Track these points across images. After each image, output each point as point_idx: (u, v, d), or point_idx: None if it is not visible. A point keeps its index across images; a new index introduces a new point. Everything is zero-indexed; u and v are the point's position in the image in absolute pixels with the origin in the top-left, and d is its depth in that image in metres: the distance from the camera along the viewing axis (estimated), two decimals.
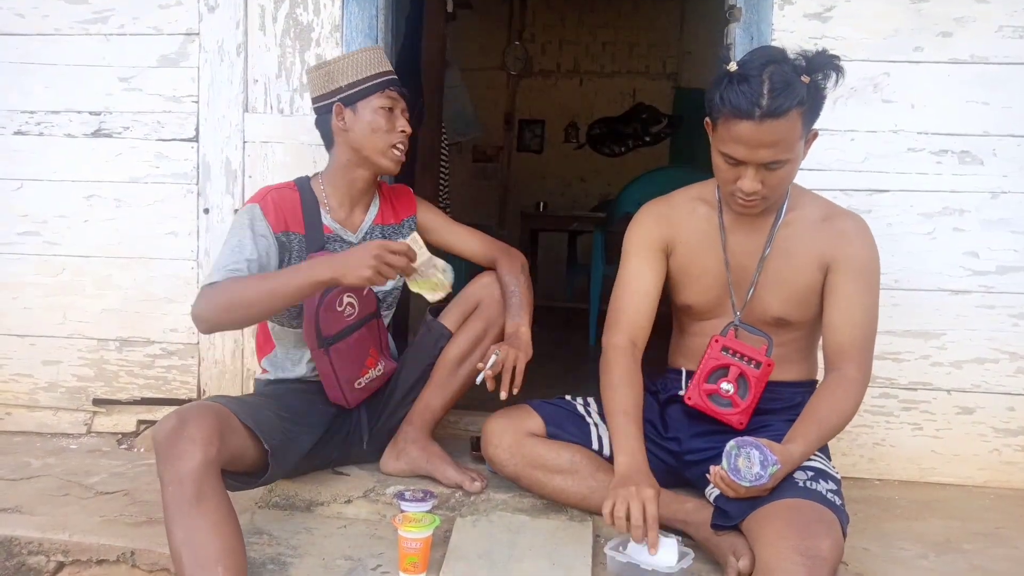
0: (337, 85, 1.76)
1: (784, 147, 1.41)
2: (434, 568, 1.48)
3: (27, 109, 2.27)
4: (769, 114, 1.36)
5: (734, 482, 1.38)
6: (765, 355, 1.57)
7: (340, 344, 1.74)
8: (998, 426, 2.05)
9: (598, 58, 6.17)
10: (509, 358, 1.66)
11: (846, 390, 1.54)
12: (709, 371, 1.61)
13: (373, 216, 1.87)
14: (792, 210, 1.61)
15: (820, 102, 1.45)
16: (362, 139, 1.76)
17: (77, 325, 2.31)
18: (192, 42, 2.21)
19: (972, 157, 2.01)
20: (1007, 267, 2.02)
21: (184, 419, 1.43)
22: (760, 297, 1.61)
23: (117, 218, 2.27)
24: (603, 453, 1.70)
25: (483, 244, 1.93)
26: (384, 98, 1.76)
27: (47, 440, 2.27)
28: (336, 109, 1.77)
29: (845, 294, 1.56)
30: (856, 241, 1.57)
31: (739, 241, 1.63)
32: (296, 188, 1.80)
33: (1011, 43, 1.98)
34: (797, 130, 1.41)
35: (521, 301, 1.80)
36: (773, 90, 1.36)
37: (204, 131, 2.22)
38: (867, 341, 1.58)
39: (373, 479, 1.83)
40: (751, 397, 1.57)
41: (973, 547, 1.71)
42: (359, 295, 1.77)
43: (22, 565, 1.61)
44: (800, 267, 1.59)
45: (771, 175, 1.45)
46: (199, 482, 1.37)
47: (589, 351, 4.01)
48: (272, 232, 1.70)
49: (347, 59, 1.78)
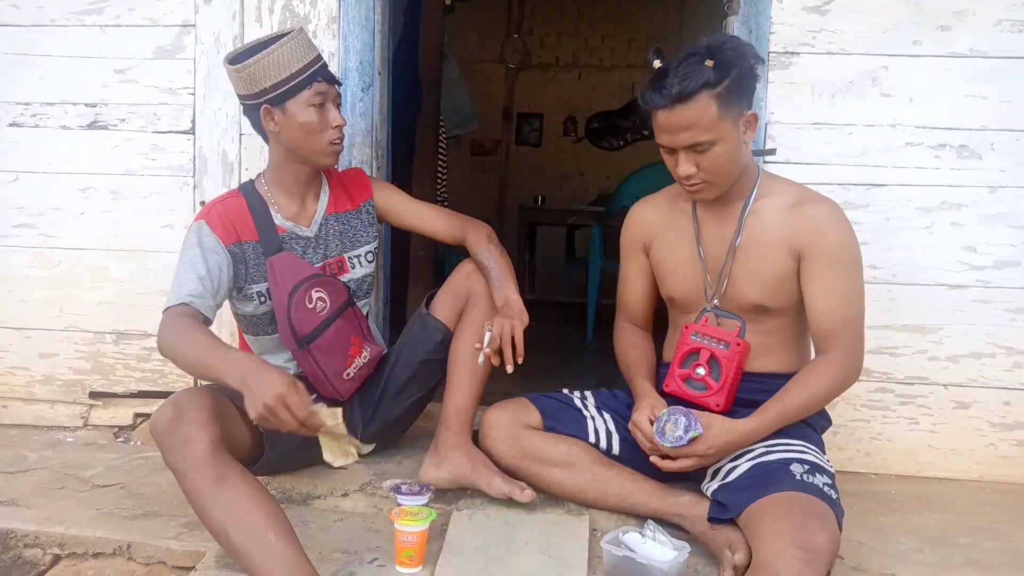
0: (261, 87, 1.67)
1: (701, 129, 1.47)
2: (430, 561, 1.48)
3: (22, 101, 2.26)
4: (677, 100, 1.46)
5: (656, 440, 1.52)
6: (737, 336, 1.60)
7: (319, 341, 1.73)
8: (994, 421, 2.06)
9: (597, 51, 6.15)
10: (505, 330, 1.62)
11: (822, 370, 1.56)
12: (683, 357, 1.65)
13: (324, 205, 1.83)
14: (761, 197, 1.62)
15: (740, 84, 1.50)
16: (296, 141, 1.71)
17: (73, 318, 2.30)
18: (188, 34, 2.20)
19: (970, 151, 2.01)
20: (1005, 262, 2.02)
21: (180, 405, 1.43)
22: (735, 285, 1.63)
23: (113, 211, 2.26)
24: (599, 446, 1.70)
25: (446, 221, 1.89)
26: (313, 93, 1.68)
27: (44, 433, 2.26)
28: (264, 112, 1.70)
29: (822, 282, 1.57)
30: (827, 227, 1.57)
31: (711, 232, 1.66)
32: (241, 195, 1.77)
33: (1010, 37, 1.98)
34: (712, 111, 1.47)
35: (500, 272, 1.75)
36: (679, 78, 1.46)
37: (200, 123, 2.21)
38: (851, 324, 1.58)
39: (370, 472, 1.83)
40: (724, 378, 1.59)
41: (969, 541, 1.71)
42: (328, 288, 1.75)
43: (18, 558, 1.61)
44: (770, 254, 1.60)
45: (703, 158, 1.51)
46: (216, 462, 1.37)
47: (587, 345, 4.01)
48: (222, 246, 1.68)
49: (268, 58, 1.65)
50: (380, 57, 2.19)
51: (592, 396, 1.81)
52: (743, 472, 1.50)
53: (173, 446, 1.40)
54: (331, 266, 1.82)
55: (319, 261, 1.81)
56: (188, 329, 1.52)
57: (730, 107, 1.49)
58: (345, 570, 1.47)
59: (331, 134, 1.72)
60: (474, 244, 1.82)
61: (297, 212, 1.80)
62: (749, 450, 1.53)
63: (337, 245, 1.84)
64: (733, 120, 1.50)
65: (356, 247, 1.86)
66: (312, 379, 1.77)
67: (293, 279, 1.72)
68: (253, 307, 1.78)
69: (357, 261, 1.87)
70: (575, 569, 1.47)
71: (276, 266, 1.72)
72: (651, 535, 1.44)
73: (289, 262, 1.74)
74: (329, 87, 1.72)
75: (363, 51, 2.16)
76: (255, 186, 1.80)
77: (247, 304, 1.78)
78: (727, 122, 1.49)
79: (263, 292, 1.76)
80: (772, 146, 2.03)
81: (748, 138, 1.56)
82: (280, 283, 1.71)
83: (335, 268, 1.83)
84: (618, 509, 1.64)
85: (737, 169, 1.57)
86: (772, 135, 2.04)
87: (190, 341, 1.49)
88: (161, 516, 1.69)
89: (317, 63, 1.71)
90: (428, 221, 1.91)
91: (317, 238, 1.81)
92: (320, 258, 1.81)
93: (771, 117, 2.04)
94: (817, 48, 2.02)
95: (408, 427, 2.00)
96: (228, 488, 1.36)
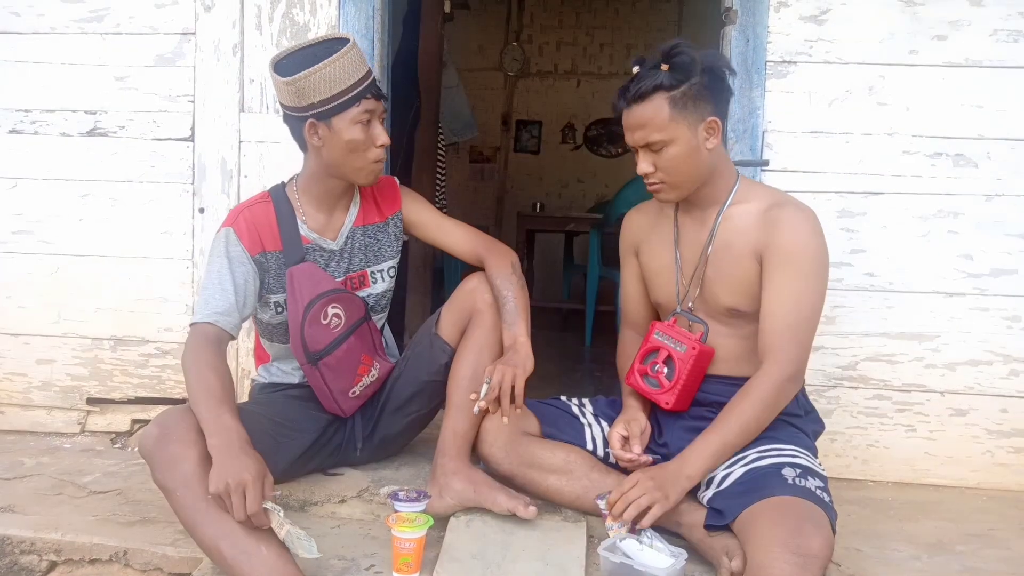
0: (309, 101, 1.60)
1: (654, 128, 1.54)
2: (428, 568, 1.48)
3: (22, 108, 2.27)
4: (633, 99, 1.55)
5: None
6: (698, 340, 1.62)
7: (329, 358, 1.70)
8: (991, 428, 2.06)
9: (596, 59, 6.17)
10: (506, 380, 1.55)
11: (756, 390, 1.53)
12: (645, 353, 1.69)
13: (353, 218, 1.79)
14: (736, 203, 1.64)
15: (702, 90, 1.54)
16: (339, 157, 1.65)
17: (71, 324, 2.30)
18: (188, 41, 2.21)
19: (966, 160, 2.02)
20: (1001, 269, 2.03)
21: (165, 425, 1.44)
22: (709, 289, 1.65)
23: (112, 217, 2.27)
24: (596, 454, 1.70)
25: (471, 241, 1.83)
26: (362, 111, 1.62)
27: (41, 439, 2.26)
28: (308, 126, 1.63)
29: (772, 282, 1.56)
30: (788, 228, 1.56)
31: (688, 237, 1.69)
32: (271, 199, 1.73)
33: (1005, 47, 1.99)
34: (664, 112, 1.53)
35: (516, 307, 1.69)
36: (636, 80, 1.56)
37: (200, 131, 2.21)
38: (792, 331, 1.54)
39: (367, 479, 1.83)
40: (677, 377, 1.62)
41: (966, 548, 1.71)
42: (345, 304, 1.72)
43: (14, 564, 1.61)
44: (738, 258, 1.61)
45: (658, 157, 1.57)
46: (204, 479, 1.36)
47: (585, 352, 4.01)
48: (248, 256, 1.67)
49: (320, 73, 1.57)
50: (379, 66, 2.19)
51: (590, 403, 1.81)
52: (737, 478, 1.50)
53: (162, 465, 1.40)
54: (353, 280, 1.79)
55: (341, 275, 1.77)
56: (201, 365, 1.52)
57: (685, 110, 1.53)
58: None
59: (375, 153, 1.66)
60: (494, 269, 1.74)
61: (324, 224, 1.75)
62: (742, 456, 1.53)
63: (361, 259, 1.79)
64: (689, 123, 1.54)
65: (380, 261, 1.82)
66: (317, 394, 1.76)
67: (311, 293, 1.68)
68: (270, 316, 1.76)
69: (380, 275, 1.83)
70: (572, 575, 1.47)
71: (296, 277, 1.68)
72: (648, 542, 1.44)
73: (309, 274, 1.69)
74: (376, 104, 1.65)
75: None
76: (286, 191, 1.75)
77: (265, 312, 1.77)
78: (682, 124, 1.54)
79: (281, 303, 1.74)
80: (769, 155, 2.04)
81: (710, 144, 1.58)
82: (297, 296, 1.68)
83: (356, 282, 1.79)
84: None
85: (695, 172, 1.59)
86: (769, 143, 2.05)
87: (199, 381, 1.50)
88: (158, 522, 1.69)
89: (367, 79, 1.64)
90: (453, 238, 1.84)
91: (342, 251, 1.77)
92: (343, 271, 1.77)
93: (768, 125, 2.05)
94: (814, 57, 2.03)
95: (407, 444, 1.99)
96: (219, 504, 1.36)
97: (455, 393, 1.71)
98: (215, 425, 1.42)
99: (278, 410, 1.74)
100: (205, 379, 1.50)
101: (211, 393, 1.47)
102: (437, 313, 1.83)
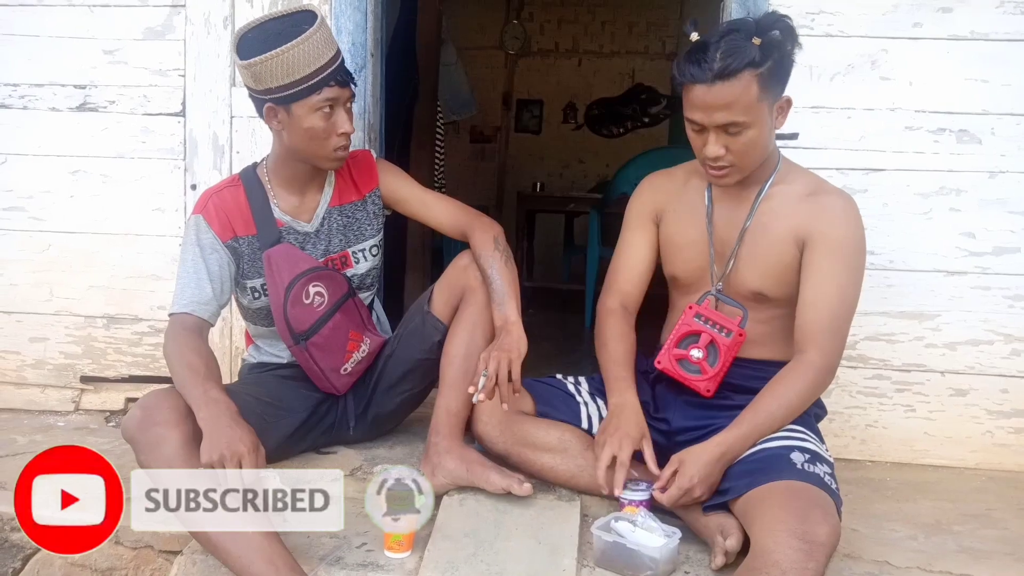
0: (267, 86, 1.53)
1: (739, 109, 1.42)
2: (420, 546, 1.47)
3: (10, 82, 2.23)
4: (719, 76, 1.40)
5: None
6: (739, 326, 1.57)
7: (316, 338, 1.69)
8: (991, 408, 2.04)
9: (597, 38, 6.10)
10: (502, 368, 1.52)
11: (797, 377, 1.50)
12: (681, 336, 1.62)
13: (328, 198, 1.75)
14: (778, 184, 1.59)
15: (781, 67, 1.45)
16: (299, 144, 1.61)
17: (64, 302, 2.28)
18: (178, 14, 2.17)
19: (970, 136, 1.98)
20: (1003, 248, 2.00)
21: (148, 407, 1.43)
22: (739, 270, 1.60)
23: (103, 194, 2.24)
24: (592, 432, 1.68)
25: (454, 215, 1.78)
26: (323, 99, 1.55)
27: (35, 417, 2.25)
28: (268, 110, 1.58)
29: (818, 271, 1.53)
30: (835, 217, 1.53)
31: (724, 214, 1.63)
32: (241, 183, 1.70)
33: (1012, 19, 1.94)
34: (752, 92, 1.41)
35: (503, 287, 1.64)
36: (723, 53, 1.40)
37: (191, 105, 2.18)
38: (835, 322, 1.52)
39: (360, 458, 1.82)
40: (720, 365, 1.57)
41: (963, 528, 1.70)
42: (327, 282, 1.69)
43: (4, 541, 1.60)
44: (776, 241, 1.57)
45: (734, 140, 1.46)
46: (189, 459, 1.35)
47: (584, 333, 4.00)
48: (220, 242, 1.65)
49: (278, 59, 1.50)
50: (372, 39, 2.15)
51: (586, 382, 1.79)
52: (743, 458, 1.48)
53: (145, 447, 1.39)
54: (334, 261, 1.76)
55: (320, 257, 1.74)
56: (183, 348, 1.52)
57: (769, 90, 1.44)
58: (333, 555, 1.46)
59: (336, 141, 1.61)
60: (478, 247, 1.71)
61: (297, 206, 1.72)
62: None
63: (340, 240, 1.76)
64: (769, 104, 1.46)
65: (360, 241, 1.79)
66: (309, 374, 1.75)
67: (290, 273, 1.65)
68: (248, 301, 1.75)
69: (362, 255, 1.80)
70: (564, 554, 1.45)
71: (273, 259, 1.66)
72: (642, 521, 1.43)
73: (286, 255, 1.67)
74: (341, 91, 1.59)
75: (355, 32, 2.12)
76: (256, 173, 1.72)
77: (243, 297, 1.75)
78: (764, 105, 1.44)
79: (258, 288, 1.72)
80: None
81: (779, 124, 1.52)
82: (277, 278, 1.65)
83: (338, 264, 1.77)
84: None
85: (763, 155, 1.54)
86: None
87: (181, 363, 1.49)
88: None
89: (332, 64, 1.56)
90: (434, 212, 1.80)
91: (318, 233, 1.74)
92: (321, 253, 1.74)
93: None
94: (816, 30, 1.99)
95: (400, 422, 1.98)
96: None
97: (448, 371, 1.69)
98: (203, 399, 1.41)
99: (267, 390, 1.73)
100: (189, 361, 1.49)
101: (196, 372, 1.47)
102: (429, 290, 1.81)
